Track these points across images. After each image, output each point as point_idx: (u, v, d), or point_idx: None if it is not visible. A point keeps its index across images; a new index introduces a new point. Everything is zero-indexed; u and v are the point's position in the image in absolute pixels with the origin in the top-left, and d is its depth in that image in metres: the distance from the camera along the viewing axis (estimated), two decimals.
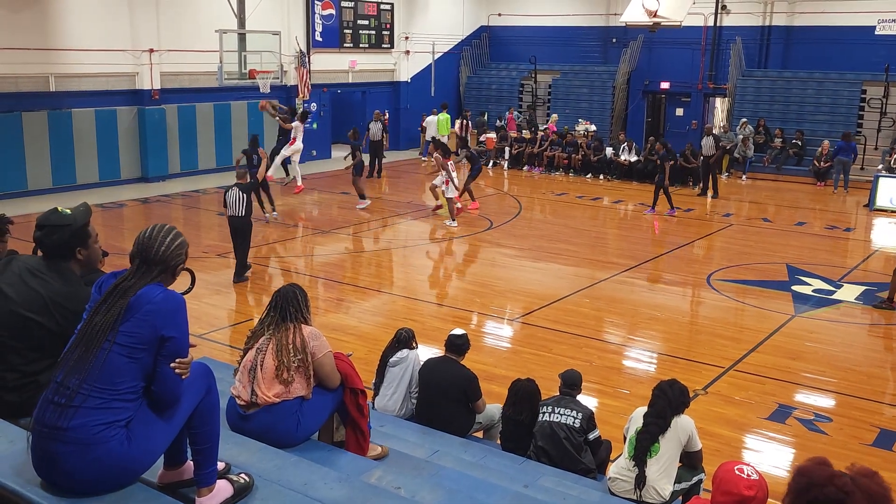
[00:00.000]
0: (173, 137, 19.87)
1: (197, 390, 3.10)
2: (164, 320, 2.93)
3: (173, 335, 2.96)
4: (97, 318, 2.91)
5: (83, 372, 2.85)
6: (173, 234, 3.12)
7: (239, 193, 11.40)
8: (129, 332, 2.89)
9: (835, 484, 2.40)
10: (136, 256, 3.05)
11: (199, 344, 9.15)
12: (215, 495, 3.14)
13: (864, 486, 2.41)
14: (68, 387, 2.86)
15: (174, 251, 3.08)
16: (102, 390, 2.86)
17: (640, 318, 10.55)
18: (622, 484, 4.95)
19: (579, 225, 16.23)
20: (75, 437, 2.83)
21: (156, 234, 3.08)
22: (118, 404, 2.88)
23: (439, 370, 6.16)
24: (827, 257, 13.81)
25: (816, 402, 8.00)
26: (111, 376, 2.86)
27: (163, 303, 2.95)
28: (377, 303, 11.17)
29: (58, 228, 3.58)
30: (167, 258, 3.06)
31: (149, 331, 2.91)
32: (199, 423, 3.12)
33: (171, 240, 3.09)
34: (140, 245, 3.06)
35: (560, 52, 26.77)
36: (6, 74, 16.72)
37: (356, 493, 3.47)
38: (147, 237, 3.07)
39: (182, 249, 3.12)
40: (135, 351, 2.89)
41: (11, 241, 4.83)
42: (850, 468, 2.50)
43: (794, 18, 23.36)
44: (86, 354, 2.87)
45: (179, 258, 3.11)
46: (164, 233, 3.09)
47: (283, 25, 21.33)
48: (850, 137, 19.96)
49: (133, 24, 18.71)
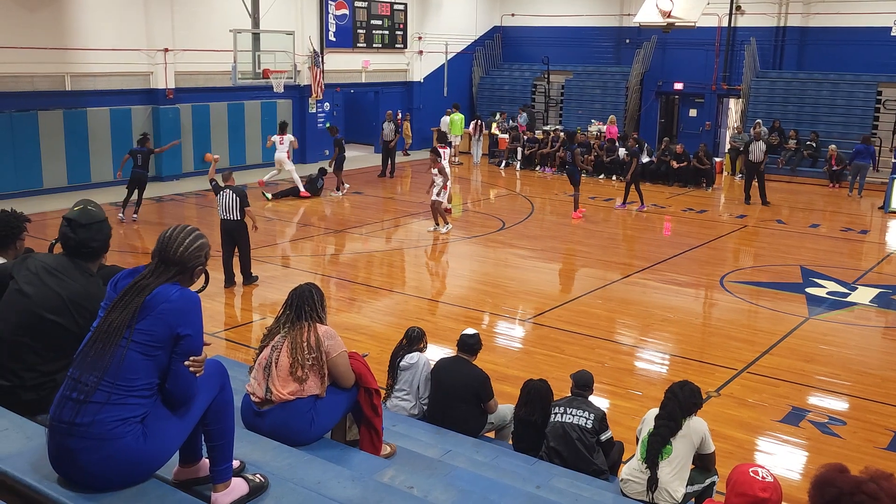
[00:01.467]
0: (187, 136, 19.95)
1: (211, 388, 3.12)
2: (178, 318, 2.95)
3: (188, 333, 2.97)
4: (113, 316, 2.93)
5: (100, 369, 2.87)
6: (194, 235, 3.12)
7: (232, 196, 11.14)
8: (145, 330, 2.91)
9: (864, 491, 2.40)
10: (155, 255, 3.07)
11: (212, 342, 9.19)
12: (231, 492, 3.16)
13: (888, 489, 2.41)
14: (85, 383, 2.88)
15: (193, 252, 3.09)
16: (119, 387, 2.88)
17: (652, 319, 10.52)
18: (634, 485, 4.94)
19: (591, 226, 16.20)
20: (92, 433, 2.86)
21: (176, 234, 3.09)
22: (134, 401, 2.90)
23: (452, 370, 6.17)
24: (841, 259, 13.73)
25: (830, 405, 7.96)
26: (127, 373, 2.89)
27: (178, 301, 2.97)
28: (389, 302, 11.19)
29: (104, 224, 3.63)
30: (185, 259, 3.07)
31: (164, 329, 2.93)
32: (214, 420, 3.14)
33: (190, 241, 3.09)
34: (161, 244, 3.07)
35: (573, 53, 26.72)
36: (23, 73, 16.85)
37: (369, 492, 3.48)
38: (168, 237, 3.08)
39: (202, 252, 3.13)
40: (150, 349, 2.92)
41: (27, 239, 4.87)
42: (865, 472, 2.50)
43: (808, 19, 23.23)
44: (102, 351, 2.89)
45: (199, 260, 3.12)
46: (184, 234, 3.10)
47: (297, 25, 21.40)
48: (869, 141, 19.79)
49: (148, 23, 18.82)
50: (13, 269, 3.75)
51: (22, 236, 4.59)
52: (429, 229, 15.10)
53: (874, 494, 2.38)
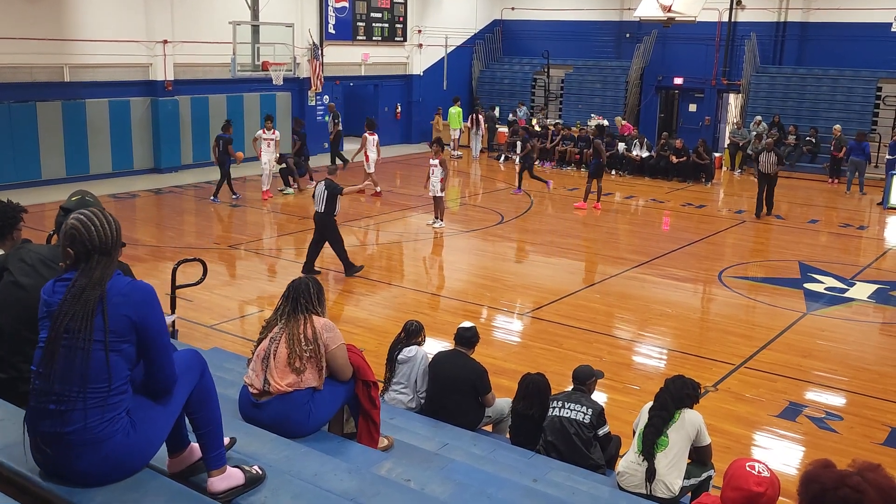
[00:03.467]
0: (186, 128, 19.93)
1: (190, 377, 3.13)
2: (135, 310, 2.90)
3: (149, 324, 2.94)
4: (65, 322, 2.83)
5: (74, 376, 2.83)
6: (101, 214, 2.95)
7: (323, 189, 11.27)
8: (102, 329, 2.86)
9: (847, 484, 2.40)
10: (92, 252, 2.89)
11: (210, 334, 9.21)
12: (226, 478, 3.18)
13: (873, 480, 2.41)
14: (61, 393, 2.84)
15: (116, 229, 2.96)
16: (97, 389, 2.85)
17: (650, 314, 10.53)
18: (631, 478, 4.95)
19: (590, 220, 16.19)
20: (83, 439, 2.86)
21: (89, 222, 2.90)
22: (115, 399, 2.89)
23: (449, 363, 6.18)
24: (840, 255, 13.74)
25: (827, 401, 7.97)
26: (101, 374, 2.85)
27: (131, 294, 2.92)
28: (387, 296, 11.18)
29: None
30: (116, 238, 2.95)
31: (122, 322, 2.88)
32: (198, 408, 3.16)
33: (107, 221, 2.94)
34: (70, 240, 2.89)
35: (573, 47, 26.68)
36: (21, 64, 16.81)
37: (366, 484, 3.48)
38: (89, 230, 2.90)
39: (117, 223, 2.98)
40: (115, 344, 2.88)
41: (24, 229, 4.86)
42: (852, 464, 2.49)
43: (809, 14, 23.21)
44: (70, 358, 2.83)
45: (117, 235, 2.96)
46: (97, 219, 2.92)
47: (297, 18, 21.36)
48: (863, 137, 19.73)
49: (147, 15, 18.77)
50: (7, 262, 3.74)
51: (18, 227, 4.57)
52: (428, 223, 15.09)
53: (858, 487, 2.38)
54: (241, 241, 13.93)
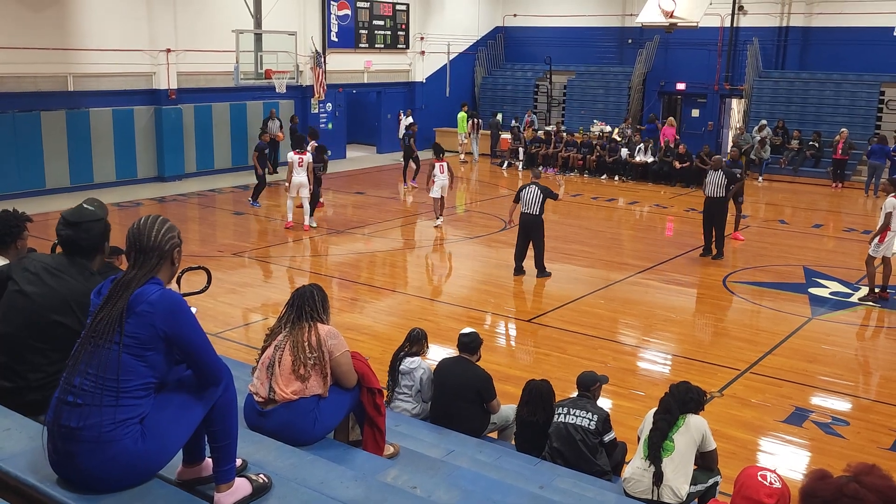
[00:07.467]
0: (190, 137, 19.98)
1: (214, 390, 3.11)
2: (162, 321, 2.92)
3: (180, 332, 2.96)
4: (101, 316, 2.92)
5: (93, 372, 2.87)
6: (161, 219, 3.13)
7: (535, 191, 11.24)
8: (130, 333, 2.89)
9: (846, 494, 2.37)
10: (130, 250, 3.06)
11: (214, 342, 9.18)
12: (234, 492, 3.16)
13: (870, 483, 2.38)
14: (80, 387, 2.88)
15: (165, 235, 3.08)
16: (113, 389, 2.87)
17: (655, 319, 10.51)
18: (638, 484, 4.93)
19: (594, 226, 16.19)
20: (91, 437, 2.85)
21: (144, 223, 3.09)
22: (130, 402, 2.89)
23: (454, 370, 6.17)
24: (844, 260, 13.70)
25: (833, 406, 7.94)
26: (120, 374, 2.87)
27: (158, 304, 2.93)
28: (392, 303, 11.18)
29: (95, 223, 3.61)
30: (162, 243, 3.06)
31: (148, 331, 2.90)
32: (218, 420, 3.13)
33: (160, 225, 3.09)
34: (133, 236, 3.05)
35: (575, 53, 26.71)
36: (26, 74, 16.87)
37: (372, 492, 3.47)
38: (137, 228, 3.08)
39: (174, 232, 3.13)
40: (138, 350, 2.90)
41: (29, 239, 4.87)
42: (848, 469, 2.47)
43: (811, 19, 23.22)
44: (93, 354, 2.88)
45: (174, 241, 3.11)
46: (152, 221, 3.10)
47: (300, 26, 21.42)
48: (885, 141, 19.61)
49: (151, 24, 18.83)
50: (11, 271, 3.74)
51: (23, 236, 4.57)
52: (434, 225, 15.16)
53: (856, 494, 2.35)
54: (245, 249, 13.95)
